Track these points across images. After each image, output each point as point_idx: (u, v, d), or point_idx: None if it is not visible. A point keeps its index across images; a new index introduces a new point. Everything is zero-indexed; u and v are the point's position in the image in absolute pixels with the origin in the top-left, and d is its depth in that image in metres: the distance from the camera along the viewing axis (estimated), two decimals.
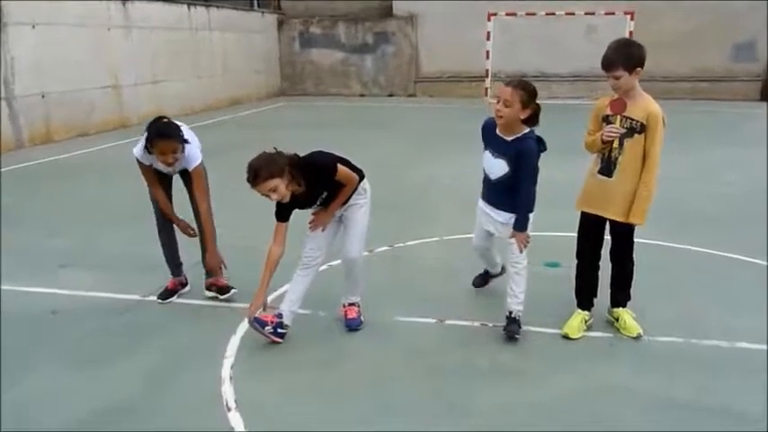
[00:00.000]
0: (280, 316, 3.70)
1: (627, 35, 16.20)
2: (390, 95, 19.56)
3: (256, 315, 3.63)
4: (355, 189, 3.69)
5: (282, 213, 3.60)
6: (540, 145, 3.61)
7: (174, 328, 3.96)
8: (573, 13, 16.29)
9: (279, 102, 18.30)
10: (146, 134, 3.89)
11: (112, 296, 4.43)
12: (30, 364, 3.52)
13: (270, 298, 4.25)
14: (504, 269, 4.37)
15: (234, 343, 3.73)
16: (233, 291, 4.42)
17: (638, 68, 3.43)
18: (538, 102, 3.56)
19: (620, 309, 3.84)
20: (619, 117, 3.50)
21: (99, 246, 5.55)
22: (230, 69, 16.91)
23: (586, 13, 16.38)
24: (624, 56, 3.40)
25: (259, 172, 3.32)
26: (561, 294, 4.26)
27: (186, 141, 3.95)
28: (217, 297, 4.40)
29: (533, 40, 17.95)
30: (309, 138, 11.52)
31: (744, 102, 16.83)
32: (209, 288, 4.49)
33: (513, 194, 3.62)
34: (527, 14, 16.54)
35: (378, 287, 4.41)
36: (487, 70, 17.23)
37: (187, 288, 4.41)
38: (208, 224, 4.11)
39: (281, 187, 3.36)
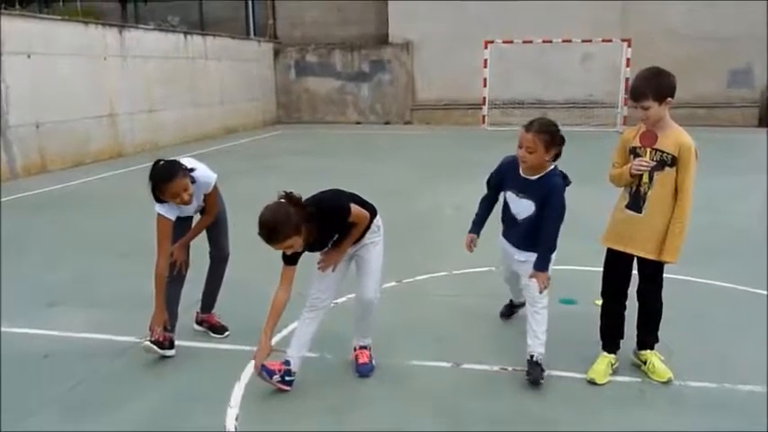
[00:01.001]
0: (287, 363, 3.46)
1: (624, 63, 16.28)
2: (387, 123, 19.48)
3: (264, 365, 3.39)
4: (368, 227, 3.48)
5: (291, 257, 3.37)
6: (565, 180, 3.46)
7: (173, 373, 3.70)
8: (570, 41, 16.30)
9: (275, 130, 18.17)
10: (151, 186, 3.66)
11: (107, 338, 4.18)
12: (19, 415, 3.26)
13: (275, 340, 4.04)
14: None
15: (238, 390, 3.48)
16: (227, 333, 4.22)
17: (669, 99, 3.26)
18: (561, 134, 3.41)
19: (648, 351, 3.62)
20: (648, 150, 3.31)
21: (93, 282, 5.30)
22: (226, 98, 16.80)
23: (583, 41, 16.41)
24: (654, 86, 3.23)
25: (275, 233, 3.09)
26: (581, 334, 4.06)
27: (190, 170, 3.76)
28: (207, 333, 4.22)
29: (529, 67, 17.95)
30: (308, 166, 11.42)
31: (742, 128, 16.82)
32: (200, 323, 4.28)
33: (536, 233, 3.46)
34: (524, 42, 16.56)
35: (388, 327, 4.18)
36: (485, 98, 17.20)
37: (172, 352, 3.88)
38: (199, 227, 4.02)
39: (298, 241, 3.16)
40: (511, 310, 4.35)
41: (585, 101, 18.25)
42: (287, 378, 3.43)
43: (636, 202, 3.41)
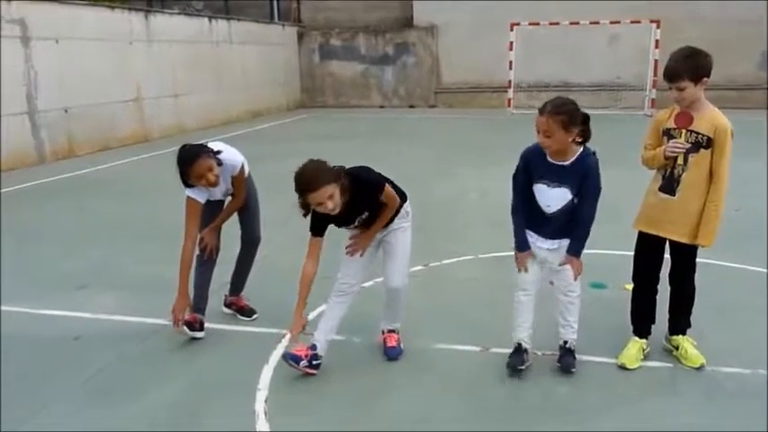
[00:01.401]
0: (314, 347, 3.45)
1: (652, 45, 15.94)
2: (411, 107, 19.37)
3: (290, 351, 3.41)
4: (398, 212, 3.45)
5: (318, 227, 3.34)
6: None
7: (201, 356, 3.73)
8: (597, 22, 16.00)
9: (300, 114, 18.18)
10: (179, 171, 3.67)
11: (136, 320, 4.23)
12: (47, 398, 3.30)
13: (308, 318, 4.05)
14: None
15: (266, 374, 3.49)
16: (255, 316, 4.24)
17: (705, 79, 3.17)
18: (583, 112, 3.13)
19: (680, 336, 3.55)
20: (684, 131, 3.23)
21: (122, 265, 5.36)
22: (251, 82, 16.82)
23: (612, 22, 16.09)
24: (690, 66, 3.14)
25: (316, 178, 3.04)
26: (611, 318, 4.01)
27: (216, 152, 3.76)
28: (236, 316, 4.24)
29: (555, 49, 17.67)
30: (332, 150, 11.33)
31: None
32: (228, 306, 4.31)
33: (570, 221, 3.27)
34: (550, 24, 16.29)
35: (415, 311, 4.16)
36: (510, 81, 16.99)
37: (202, 334, 3.88)
38: (228, 210, 4.02)
39: (337, 194, 3.10)
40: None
41: (613, 83, 17.93)
42: (314, 362, 3.43)
43: (669, 184, 3.33)
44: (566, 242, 3.32)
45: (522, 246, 3.39)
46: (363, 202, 3.30)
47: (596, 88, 18.05)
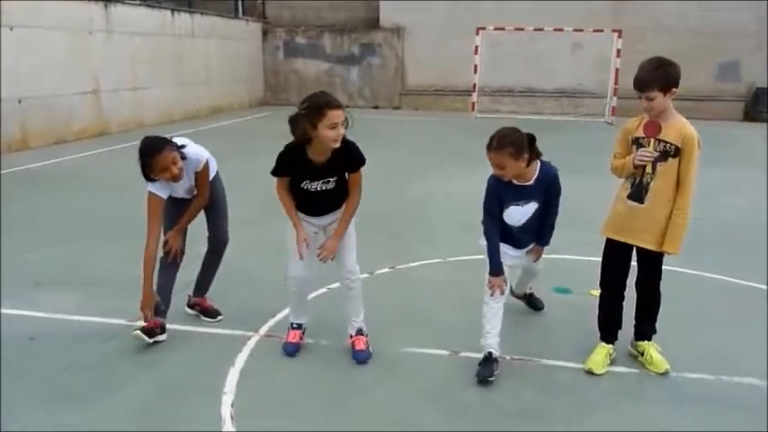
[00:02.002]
0: (300, 326, 3.75)
1: (614, 54, 16.27)
2: (375, 107, 19.35)
3: (288, 342, 3.68)
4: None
5: (284, 171, 3.45)
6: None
7: (165, 358, 3.62)
8: (561, 29, 16.24)
9: (262, 111, 17.96)
10: (140, 163, 3.56)
11: (96, 320, 4.09)
12: (5, 400, 3.16)
13: (266, 327, 4.01)
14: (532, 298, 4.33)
15: (233, 376, 3.41)
16: (220, 318, 4.14)
17: (674, 89, 3.22)
18: (527, 134, 3.34)
19: (646, 342, 3.60)
20: (652, 140, 3.28)
21: (80, 263, 5.19)
22: (213, 78, 16.57)
23: (575, 30, 16.35)
24: (660, 76, 3.19)
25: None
26: (577, 324, 4.07)
27: (180, 146, 3.68)
28: (199, 317, 4.14)
29: (520, 55, 17.91)
30: None
31: (728, 121, 16.91)
32: (192, 306, 4.21)
33: (536, 227, 3.59)
34: (516, 29, 16.47)
35: (383, 313, 4.13)
36: (475, 84, 17.12)
37: (164, 336, 3.78)
38: (193, 210, 3.90)
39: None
40: (530, 300, 4.32)
41: (575, 90, 18.27)
42: (302, 336, 3.74)
43: (638, 192, 3.37)
44: (517, 252, 3.65)
45: (496, 270, 3.50)
46: (341, 165, 3.38)
47: (559, 95, 18.37)
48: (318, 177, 3.42)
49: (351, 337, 3.69)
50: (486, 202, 3.49)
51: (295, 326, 3.75)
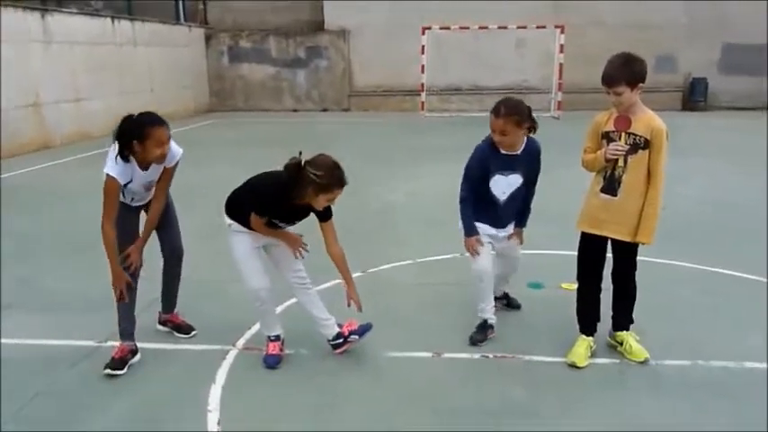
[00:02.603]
0: (278, 338, 3.68)
1: (557, 49, 16.61)
2: (324, 110, 19.25)
3: (269, 354, 3.61)
4: None
5: (267, 214, 3.40)
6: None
7: (141, 379, 3.49)
8: (506, 27, 16.49)
9: (209, 118, 17.64)
10: (129, 129, 3.36)
11: (63, 343, 3.91)
12: None
13: (243, 340, 3.92)
14: (508, 298, 4.37)
15: (215, 393, 3.31)
16: (194, 333, 4.03)
17: (641, 84, 3.30)
18: (528, 106, 3.61)
19: (624, 332, 3.67)
20: (623, 134, 3.34)
21: (36, 283, 4.96)
22: (157, 85, 16.17)
23: (519, 27, 16.62)
24: (628, 72, 3.26)
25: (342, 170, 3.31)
26: (553, 318, 4.12)
27: None
28: (172, 334, 4.03)
29: (465, 54, 18.11)
30: (248, 156, 11.07)
31: (668, 112, 17.48)
32: (164, 323, 4.10)
33: (517, 204, 3.77)
34: (461, 28, 16.63)
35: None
36: (423, 84, 17.22)
37: (137, 357, 3.63)
38: (153, 217, 3.70)
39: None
40: (508, 301, 4.33)
41: (520, 86, 18.53)
42: (282, 347, 3.69)
43: (611, 185, 3.43)
44: (498, 232, 3.82)
45: (470, 231, 3.71)
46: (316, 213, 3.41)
47: (505, 91, 18.53)
48: (294, 221, 3.54)
49: (339, 336, 3.65)
50: (470, 170, 3.69)
51: (273, 338, 3.68)
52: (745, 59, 18.33)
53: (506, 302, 4.31)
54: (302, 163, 3.24)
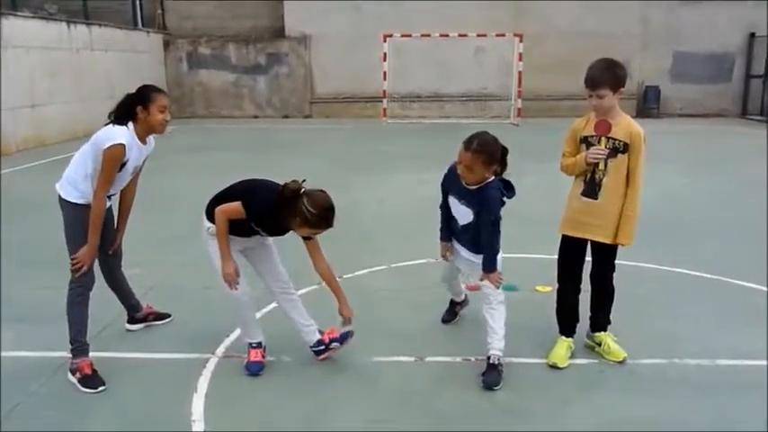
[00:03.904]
0: (260, 345, 3.63)
1: (516, 57, 16.89)
2: (286, 117, 19.13)
3: (250, 364, 3.55)
4: None
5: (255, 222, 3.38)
6: (509, 192, 3.49)
7: (120, 390, 3.39)
8: (466, 35, 16.69)
9: (169, 125, 17.30)
10: (134, 97, 3.44)
11: (37, 354, 3.79)
12: None
13: (223, 347, 3.86)
14: (467, 298, 4.29)
15: (198, 403, 3.25)
16: (170, 317, 4.23)
17: (621, 89, 3.39)
18: (502, 147, 3.44)
19: (602, 333, 3.75)
20: (603, 138, 3.42)
21: (8, 294, 4.78)
22: (115, 92, 15.74)
23: (478, 35, 16.84)
24: (611, 76, 3.35)
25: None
26: (528, 320, 4.16)
27: None
28: (152, 324, 4.10)
29: (426, 61, 18.24)
30: (210, 163, 10.96)
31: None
32: (143, 320, 4.12)
33: (478, 238, 3.55)
34: (422, 36, 16.76)
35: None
36: (384, 91, 17.28)
37: (102, 388, 3.40)
38: (128, 207, 3.82)
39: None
40: (453, 314, 4.26)
41: (480, 94, 18.80)
42: (264, 354, 3.63)
43: (592, 188, 3.50)
44: (478, 259, 3.57)
45: (443, 237, 3.79)
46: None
47: (465, 99, 18.84)
48: (275, 235, 3.55)
49: (320, 343, 3.64)
50: (442, 180, 3.67)
51: (254, 344, 3.63)
52: (695, 68, 18.99)
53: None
54: (301, 191, 3.22)
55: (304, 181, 3.31)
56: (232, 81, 19.18)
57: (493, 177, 3.43)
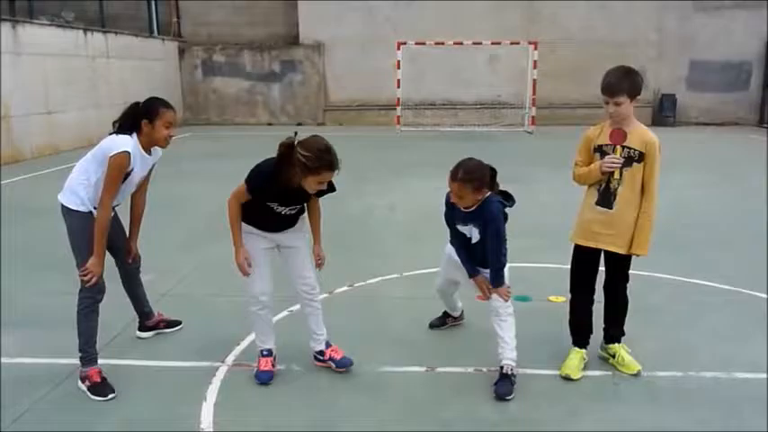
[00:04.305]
0: (270, 353, 3.60)
1: (531, 64, 16.83)
2: (299, 124, 19.13)
3: (259, 373, 3.51)
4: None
5: (258, 194, 3.32)
6: (509, 201, 3.51)
7: (129, 398, 3.38)
8: (480, 43, 16.67)
9: (183, 132, 17.43)
10: (134, 116, 3.45)
11: (44, 361, 3.79)
12: None
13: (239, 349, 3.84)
14: (462, 315, 4.30)
15: (207, 411, 3.23)
16: (180, 325, 4.22)
17: (638, 96, 3.35)
18: (490, 168, 3.44)
19: (616, 344, 3.69)
20: (618, 147, 3.37)
21: (15, 300, 4.81)
22: (130, 98, 15.71)
23: (493, 43, 16.82)
24: (630, 83, 3.31)
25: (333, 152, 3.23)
26: (542, 330, 4.12)
27: None
28: (159, 338, 4.08)
29: (440, 69, 18.25)
30: (224, 169, 10.97)
31: None
32: (154, 327, 4.11)
33: (486, 252, 3.53)
34: (435, 44, 16.77)
35: (352, 333, 4.04)
36: (398, 99, 17.29)
37: (112, 395, 3.38)
38: (139, 213, 3.87)
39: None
40: (443, 321, 4.25)
41: (494, 102, 18.75)
42: (274, 362, 3.59)
43: (606, 198, 3.45)
44: (485, 272, 3.57)
45: (471, 273, 3.63)
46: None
47: (479, 106, 18.80)
48: (290, 204, 3.43)
49: (322, 353, 3.64)
50: (445, 217, 3.67)
51: (265, 352, 3.60)
52: (711, 76, 18.83)
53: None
54: (294, 143, 3.18)
55: (296, 134, 3.24)
56: (246, 88, 19.28)
57: (489, 193, 3.46)
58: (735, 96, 19.05)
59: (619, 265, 3.57)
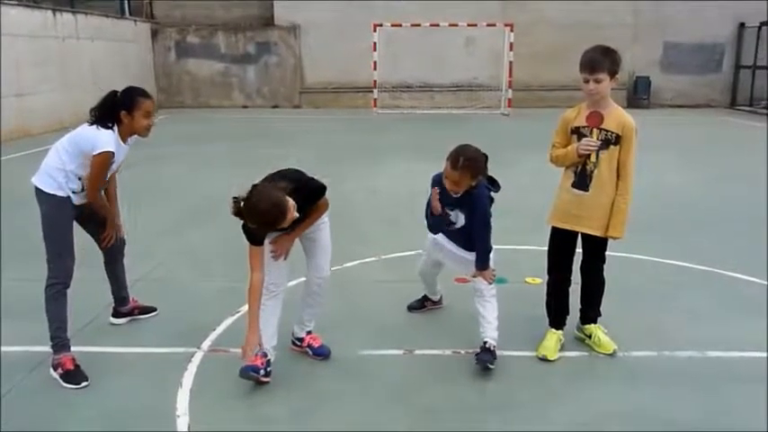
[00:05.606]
0: (265, 355, 3.31)
1: (507, 47, 16.81)
2: (275, 107, 19.00)
3: (247, 363, 3.20)
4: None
5: (257, 237, 3.18)
6: (493, 186, 3.52)
7: (104, 384, 3.33)
8: (456, 25, 16.59)
9: (158, 115, 17.16)
10: (113, 106, 3.38)
11: (19, 349, 3.71)
12: None
13: (216, 334, 3.79)
14: (441, 300, 4.30)
15: (183, 398, 3.20)
16: (155, 312, 4.16)
17: (617, 76, 3.35)
18: (484, 155, 3.42)
19: (592, 325, 3.72)
20: (595, 129, 3.37)
21: None
22: (101, 81, 15.57)
23: (469, 25, 16.75)
24: (610, 61, 3.32)
25: (282, 215, 2.99)
26: (519, 312, 4.13)
27: None
28: (134, 324, 4.03)
29: (416, 51, 18.12)
30: (203, 153, 10.88)
31: None
32: (128, 314, 4.06)
33: (470, 237, 3.55)
34: (412, 25, 16.65)
35: (331, 316, 4.01)
36: (375, 81, 17.18)
37: (85, 384, 3.32)
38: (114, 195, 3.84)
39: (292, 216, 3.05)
40: (422, 303, 4.26)
41: (471, 84, 18.73)
42: (268, 369, 3.30)
43: (582, 180, 3.46)
44: (471, 255, 3.56)
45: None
46: (305, 207, 3.21)
47: (456, 89, 18.76)
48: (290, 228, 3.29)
49: (300, 340, 3.61)
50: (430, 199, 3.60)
51: (261, 355, 3.31)
52: (684, 58, 18.99)
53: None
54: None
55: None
56: (221, 71, 19.02)
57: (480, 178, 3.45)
58: (708, 78, 19.24)
59: (595, 247, 3.59)
